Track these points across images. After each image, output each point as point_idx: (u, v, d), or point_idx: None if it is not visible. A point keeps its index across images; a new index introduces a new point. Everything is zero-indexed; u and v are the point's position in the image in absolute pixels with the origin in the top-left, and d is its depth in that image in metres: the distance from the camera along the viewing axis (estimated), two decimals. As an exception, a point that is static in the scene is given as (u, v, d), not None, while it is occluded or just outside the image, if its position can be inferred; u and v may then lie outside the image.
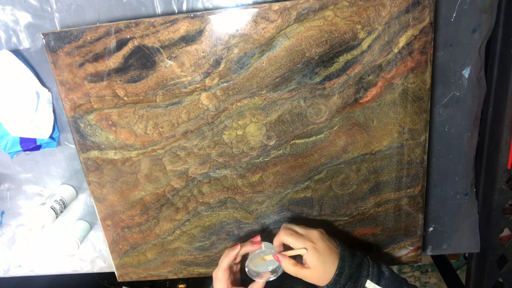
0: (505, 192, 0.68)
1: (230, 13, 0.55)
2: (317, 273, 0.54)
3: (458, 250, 0.74)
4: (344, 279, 0.53)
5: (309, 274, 0.54)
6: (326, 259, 0.54)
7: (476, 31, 0.60)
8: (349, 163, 0.64)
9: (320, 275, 0.54)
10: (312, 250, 0.54)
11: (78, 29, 0.57)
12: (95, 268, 0.82)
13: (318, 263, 0.53)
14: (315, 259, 0.53)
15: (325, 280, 0.53)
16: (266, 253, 0.58)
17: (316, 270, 0.53)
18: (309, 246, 0.54)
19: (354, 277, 0.54)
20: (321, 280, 0.54)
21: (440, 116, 0.65)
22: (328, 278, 0.53)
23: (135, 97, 0.61)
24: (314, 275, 0.54)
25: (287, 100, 0.60)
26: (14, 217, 0.79)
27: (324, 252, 0.54)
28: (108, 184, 0.67)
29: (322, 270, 0.53)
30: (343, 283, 0.53)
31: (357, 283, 0.53)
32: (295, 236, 0.56)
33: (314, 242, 0.54)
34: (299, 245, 0.55)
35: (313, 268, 0.53)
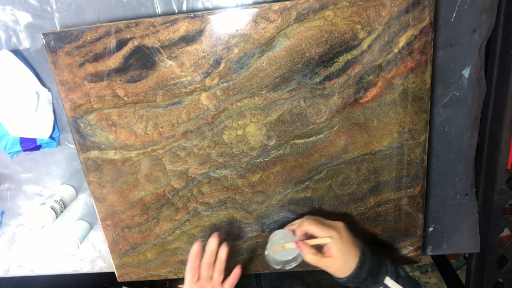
0: (505, 192, 0.68)
1: (230, 13, 0.55)
2: (338, 263, 0.54)
3: (458, 250, 0.74)
4: (365, 272, 0.53)
5: (330, 264, 0.54)
6: (348, 251, 0.54)
7: (476, 31, 0.60)
8: (349, 163, 0.64)
9: (341, 266, 0.54)
10: (337, 239, 0.54)
11: (78, 29, 0.57)
12: (95, 268, 0.82)
13: (340, 253, 0.53)
14: (338, 249, 0.54)
15: (344, 271, 0.54)
16: (287, 240, 0.58)
17: (338, 260, 0.54)
18: (334, 235, 0.54)
19: (374, 272, 0.54)
20: (341, 271, 0.54)
21: (440, 116, 0.65)
22: (349, 270, 0.53)
23: (135, 97, 0.61)
24: (334, 265, 0.54)
25: (287, 100, 0.60)
26: (14, 217, 0.79)
27: (348, 243, 0.54)
28: (108, 184, 0.67)
29: (344, 261, 0.54)
30: (364, 276, 0.53)
31: (376, 278, 0.54)
32: (320, 225, 0.56)
33: (339, 233, 0.55)
34: (323, 234, 0.55)
35: (334, 257, 0.54)
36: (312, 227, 0.56)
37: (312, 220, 0.57)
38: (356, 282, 0.54)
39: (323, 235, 0.55)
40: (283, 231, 0.60)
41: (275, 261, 0.58)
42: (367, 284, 0.54)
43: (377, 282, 0.54)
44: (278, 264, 0.58)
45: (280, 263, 0.58)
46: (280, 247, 0.58)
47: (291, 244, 0.57)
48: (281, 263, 0.58)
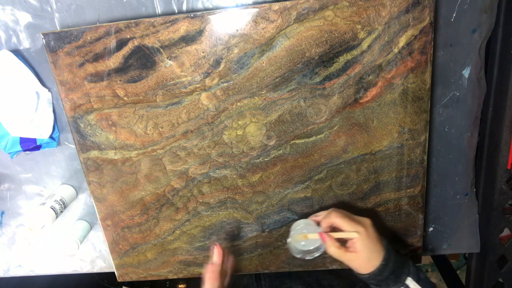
0: (505, 192, 0.68)
1: (230, 13, 0.55)
2: (362, 259, 0.54)
3: (458, 250, 0.74)
4: (388, 271, 0.53)
5: (353, 259, 0.54)
6: (374, 248, 0.54)
7: (476, 31, 0.60)
8: (349, 163, 0.64)
9: (364, 262, 0.54)
10: (363, 235, 0.54)
11: (78, 29, 0.57)
12: (95, 268, 0.82)
13: (365, 249, 0.53)
14: (364, 245, 0.53)
15: (367, 268, 0.54)
16: (309, 231, 0.58)
17: (362, 256, 0.54)
18: (361, 231, 0.54)
19: (397, 272, 0.54)
20: (364, 268, 0.54)
21: (440, 116, 0.65)
22: (372, 267, 0.54)
23: (135, 97, 0.61)
24: (358, 260, 0.54)
25: (287, 100, 0.60)
26: (14, 217, 0.79)
27: (373, 241, 0.54)
28: (108, 184, 0.67)
29: (368, 258, 0.54)
30: (386, 275, 0.53)
31: (399, 278, 0.54)
32: (348, 219, 0.55)
33: (366, 229, 0.54)
34: (350, 228, 0.54)
35: (359, 253, 0.53)
36: (339, 220, 0.55)
37: (340, 213, 0.56)
38: (377, 280, 0.54)
39: (350, 229, 0.54)
40: (306, 221, 0.60)
41: (296, 249, 0.58)
42: (388, 282, 0.54)
43: (399, 282, 0.54)
44: (298, 253, 0.58)
45: (301, 252, 0.58)
46: (302, 237, 0.58)
47: (314, 234, 0.57)
48: (302, 253, 0.58)
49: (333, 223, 0.56)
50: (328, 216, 0.57)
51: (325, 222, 0.57)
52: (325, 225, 0.57)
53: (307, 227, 0.59)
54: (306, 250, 0.57)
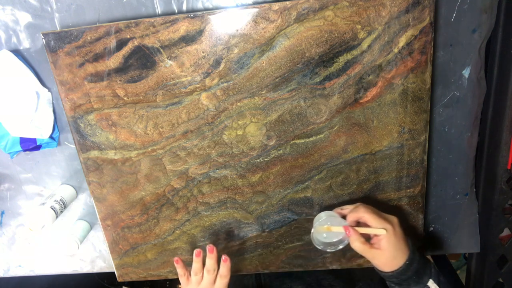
0: (505, 192, 0.68)
1: (230, 13, 0.55)
2: (386, 257, 0.54)
3: (458, 250, 0.74)
4: (411, 271, 0.53)
5: (378, 256, 0.54)
6: (399, 247, 0.54)
7: (476, 31, 0.60)
8: (349, 163, 0.64)
9: (388, 260, 0.54)
10: (390, 233, 0.53)
11: (78, 29, 0.57)
12: (95, 268, 0.82)
13: (391, 248, 0.53)
14: (390, 243, 0.53)
15: (391, 266, 0.54)
16: (333, 223, 0.58)
17: (387, 254, 0.53)
18: (388, 228, 0.53)
19: (420, 272, 0.54)
20: (387, 266, 0.54)
21: (440, 116, 0.65)
22: (396, 265, 0.53)
23: (135, 97, 0.61)
24: (382, 257, 0.54)
25: (287, 100, 0.60)
26: (14, 217, 0.79)
27: (400, 239, 0.54)
28: (108, 184, 0.67)
29: (393, 256, 0.54)
30: (409, 275, 0.53)
31: (420, 279, 0.54)
32: (377, 215, 0.55)
33: (393, 227, 0.54)
34: (378, 225, 0.54)
35: (384, 251, 0.53)
36: (367, 215, 0.55)
37: (369, 208, 0.56)
38: (400, 279, 0.54)
39: (378, 226, 0.54)
40: (331, 213, 0.60)
41: (318, 241, 0.58)
42: (410, 282, 0.54)
43: (420, 282, 0.54)
44: (320, 244, 0.59)
45: (322, 244, 0.58)
46: (326, 229, 0.58)
47: (339, 228, 0.57)
48: (323, 244, 0.58)
49: (361, 218, 0.56)
50: (355, 210, 0.56)
51: (352, 216, 0.57)
52: (351, 219, 0.57)
53: (331, 219, 0.59)
54: (328, 242, 0.58)
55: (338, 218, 0.59)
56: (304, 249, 0.71)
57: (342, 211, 0.60)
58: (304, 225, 0.69)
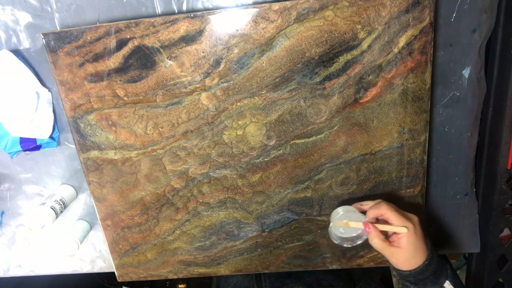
0: (505, 192, 0.68)
1: (230, 13, 0.55)
2: (405, 256, 0.54)
3: (458, 250, 0.74)
4: (429, 271, 0.53)
5: (396, 254, 0.54)
6: (419, 246, 0.54)
7: (476, 31, 0.60)
8: (349, 163, 0.64)
9: (407, 259, 0.54)
10: (412, 232, 0.53)
11: (78, 29, 0.57)
12: (95, 268, 0.82)
13: (411, 247, 0.53)
14: (410, 242, 0.53)
15: (409, 265, 0.54)
16: (352, 218, 0.57)
17: (406, 253, 0.53)
18: (410, 227, 0.53)
19: (437, 273, 0.54)
20: (406, 264, 0.54)
21: (440, 116, 0.65)
22: (414, 265, 0.53)
23: (135, 97, 0.61)
24: (401, 256, 0.54)
25: (287, 100, 0.60)
26: (14, 217, 0.79)
27: (420, 239, 0.54)
28: (108, 184, 0.67)
29: (412, 255, 0.53)
30: (427, 275, 0.53)
31: (437, 280, 0.54)
32: (399, 213, 0.54)
33: (414, 226, 0.54)
34: (399, 223, 0.53)
35: (404, 249, 0.53)
36: (389, 213, 0.54)
37: (391, 206, 0.56)
38: (417, 279, 0.54)
39: (399, 224, 0.53)
40: (349, 208, 0.60)
41: (335, 236, 0.58)
42: (426, 282, 0.54)
43: (437, 283, 0.54)
44: (337, 239, 0.59)
45: (340, 239, 0.59)
46: (344, 224, 0.57)
47: (358, 223, 0.56)
48: (341, 239, 0.58)
49: (382, 214, 0.55)
50: (377, 206, 0.56)
51: (373, 213, 0.56)
52: (372, 215, 0.56)
53: (350, 214, 0.58)
54: (346, 238, 0.58)
55: (357, 214, 0.58)
56: (304, 249, 0.71)
57: (361, 207, 0.59)
58: (304, 225, 0.69)
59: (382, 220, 0.56)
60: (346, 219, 0.58)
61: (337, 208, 0.61)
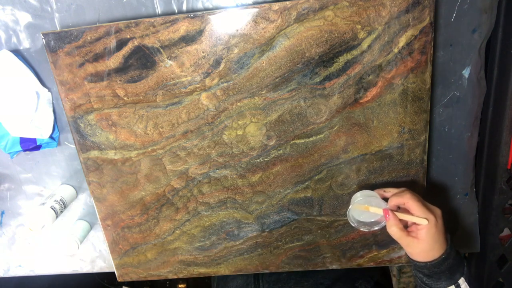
0: (505, 192, 0.68)
1: (230, 13, 0.55)
2: (422, 248, 0.53)
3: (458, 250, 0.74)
4: (445, 266, 0.53)
5: (413, 245, 0.53)
6: (438, 240, 0.53)
7: (476, 31, 0.60)
8: (349, 163, 0.64)
9: (424, 251, 0.53)
10: (432, 224, 0.52)
11: (78, 29, 0.57)
12: (95, 268, 0.82)
13: (430, 239, 0.52)
14: (430, 234, 0.52)
15: (425, 257, 0.53)
16: (372, 204, 0.57)
17: (424, 245, 0.53)
18: (431, 219, 0.52)
19: (453, 269, 0.54)
20: (422, 256, 0.54)
21: (440, 116, 0.65)
22: (431, 257, 0.53)
23: (135, 97, 0.61)
24: (418, 247, 0.53)
25: (287, 100, 0.60)
26: (14, 217, 0.79)
27: (440, 232, 0.53)
28: (108, 184, 0.67)
29: (429, 248, 0.53)
30: (443, 269, 0.53)
31: (453, 275, 0.54)
32: (422, 204, 0.54)
33: (436, 218, 0.53)
34: (422, 214, 0.53)
35: (422, 241, 0.53)
36: (412, 202, 0.53)
37: (415, 195, 0.55)
38: (432, 271, 0.54)
39: (421, 215, 0.53)
40: (372, 193, 0.59)
41: (354, 219, 0.59)
42: (441, 276, 0.54)
43: (452, 279, 0.54)
44: (355, 222, 0.59)
45: (357, 223, 0.59)
46: (364, 208, 0.57)
47: (378, 209, 0.56)
48: (358, 223, 0.59)
49: (405, 203, 0.55)
50: (401, 195, 0.55)
51: (395, 200, 0.56)
52: (394, 203, 0.56)
53: (371, 199, 0.58)
54: (364, 222, 0.58)
55: (378, 199, 0.58)
56: (304, 249, 0.71)
57: (384, 193, 0.59)
58: (304, 225, 0.69)
59: (404, 209, 0.56)
60: (367, 203, 0.58)
61: (357, 192, 0.60)
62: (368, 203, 0.57)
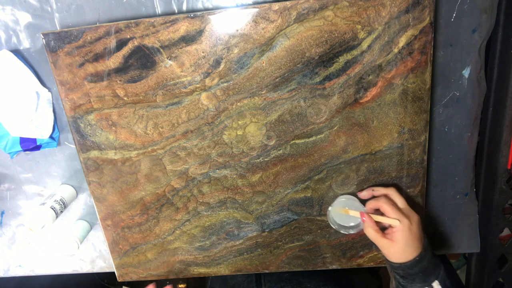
0: (505, 192, 0.68)
1: (230, 13, 0.55)
2: (396, 249, 0.55)
3: (458, 250, 0.74)
4: (419, 268, 0.55)
5: (387, 246, 0.56)
6: (411, 243, 0.55)
7: (476, 31, 0.60)
8: (349, 163, 0.64)
9: (397, 252, 0.55)
10: (406, 227, 0.55)
11: (78, 29, 0.57)
12: (95, 268, 0.82)
13: (403, 241, 0.55)
14: (404, 237, 0.55)
15: (399, 258, 0.55)
16: (351, 207, 0.61)
17: (397, 247, 0.55)
18: (404, 223, 0.55)
19: (428, 272, 0.55)
20: (395, 257, 0.56)
21: (440, 116, 0.65)
22: (404, 258, 0.55)
23: (135, 97, 0.61)
24: (392, 249, 0.55)
25: (287, 100, 0.60)
26: (14, 217, 0.79)
27: (414, 236, 0.55)
28: (108, 184, 0.67)
29: (402, 250, 0.55)
30: (416, 271, 0.55)
31: (426, 277, 0.55)
32: (396, 208, 0.57)
33: (410, 222, 0.55)
34: (394, 216, 0.55)
35: (396, 243, 0.55)
36: (387, 206, 0.57)
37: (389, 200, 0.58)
38: (406, 272, 0.56)
39: (393, 216, 0.56)
40: (351, 197, 0.63)
41: (333, 221, 0.62)
42: (414, 278, 0.55)
43: (426, 281, 0.55)
44: (335, 224, 0.62)
45: (337, 225, 0.62)
46: (344, 211, 0.61)
47: (356, 212, 0.59)
48: (338, 226, 0.62)
49: (380, 206, 0.58)
50: (377, 199, 0.59)
51: (372, 204, 0.59)
52: (371, 206, 0.59)
53: (350, 202, 0.62)
54: (343, 225, 0.61)
55: (357, 203, 0.61)
56: (304, 249, 0.71)
57: (373, 192, 0.62)
58: (304, 225, 0.69)
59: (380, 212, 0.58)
60: (346, 206, 0.61)
61: (340, 196, 0.64)
62: (347, 206, 0.61)
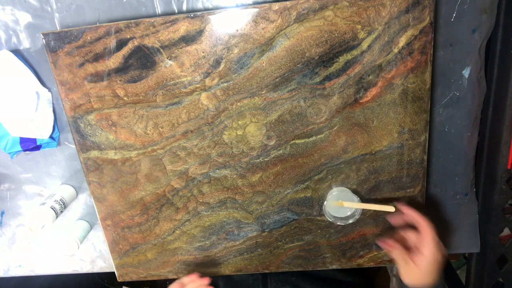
0: (505, 192, 0.68)
1: (230, 13, 0.55)
2: (417, 275, 0.57)
3: (458, 250, 0.74)
4: None
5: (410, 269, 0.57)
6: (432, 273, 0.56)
7: (476, 31, 0.60)
8: (349, 163, 0.64)
9: (415, 278, 0.57)
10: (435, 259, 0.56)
11: (78, 29, 0.57)
12: (95, 268, 0.82)
13: (427, 270, 0.56)
14: (429, 266, 0.56)
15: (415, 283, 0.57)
16: (344, 198, 0.62)
17: (419, 273, 0.56)
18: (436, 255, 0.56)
19: None
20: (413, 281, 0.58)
21: (440, 116, 0.65)
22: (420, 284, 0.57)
23: (135, 97, 0.61)
24: (413, 273, 0.57)
25: (287, 100, 0.60)
26: (14, 217, 0.79)
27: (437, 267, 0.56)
28: (108, 184, 0.67)
29: (422, 277, 0.56)
30: None
31: None
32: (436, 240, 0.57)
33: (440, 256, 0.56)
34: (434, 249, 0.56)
35: (419, 268, 0.56)
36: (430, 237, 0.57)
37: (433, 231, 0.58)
38: None
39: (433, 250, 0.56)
40: (344, 188, 0.64)
41: (329, 214, 0.63)
42: None
43: None
44: (331, 217, 0.63)
45: (333, 218, 0.63)
46: (338, 203, 0.62)
47: (351, 204, 0.61)
48: (334, 218, 0.63)
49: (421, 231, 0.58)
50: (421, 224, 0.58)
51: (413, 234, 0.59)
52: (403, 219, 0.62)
53: (343, 194, 0.63)
54: (339, 217, 0.63)
55: (349, 194, 0.63)
56: (304, 249, 0.71)
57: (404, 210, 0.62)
58: (304, 225, 0.69)
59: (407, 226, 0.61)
60: (340, 199, 0.62)
61: (332, 189, 0.65)
62: (341, 198, 0.62)
